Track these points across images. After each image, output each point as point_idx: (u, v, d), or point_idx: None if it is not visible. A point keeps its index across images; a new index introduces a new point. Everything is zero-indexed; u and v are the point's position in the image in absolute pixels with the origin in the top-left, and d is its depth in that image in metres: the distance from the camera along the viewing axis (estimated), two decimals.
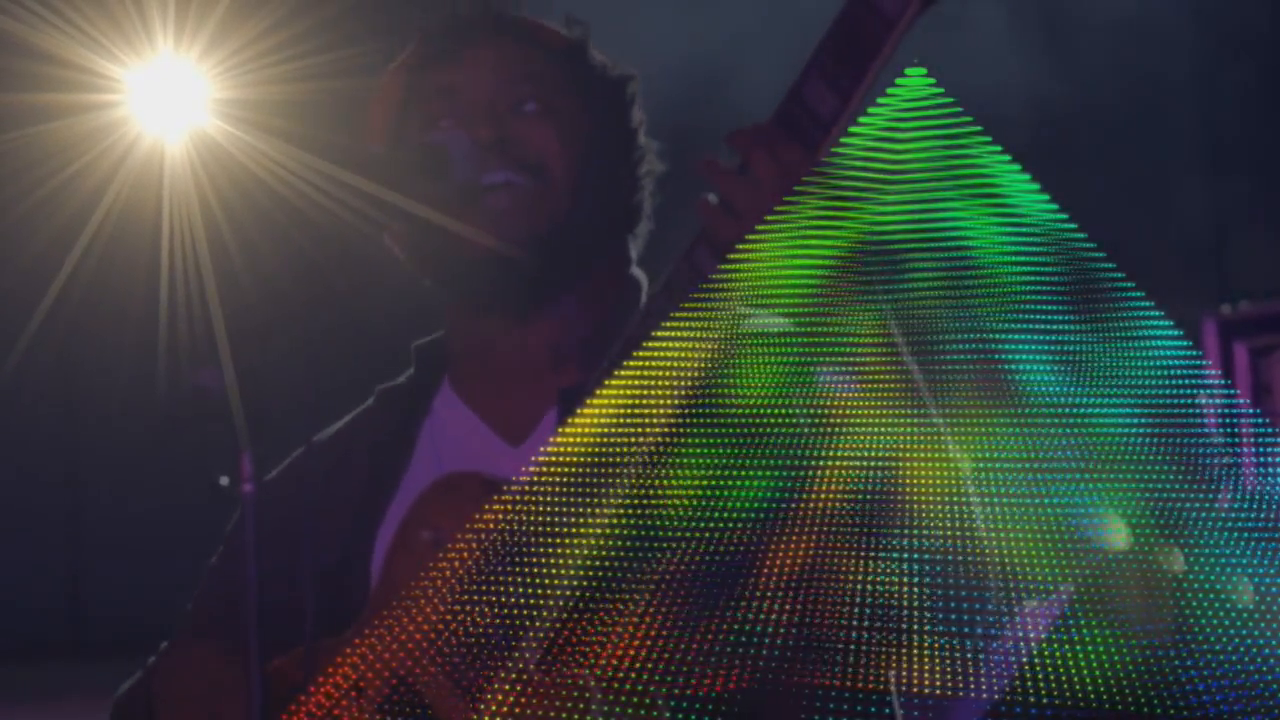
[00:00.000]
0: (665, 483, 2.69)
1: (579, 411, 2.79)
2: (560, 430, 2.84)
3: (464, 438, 3.68)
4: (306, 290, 3.40)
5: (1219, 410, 2.54)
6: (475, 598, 2.86)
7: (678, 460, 2.69)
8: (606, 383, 2.78)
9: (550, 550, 2.77)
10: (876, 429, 2.58)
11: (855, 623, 2.52)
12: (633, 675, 2.69)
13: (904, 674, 2.49)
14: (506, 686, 2.82)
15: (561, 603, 2.77)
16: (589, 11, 3.79)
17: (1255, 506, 2.45)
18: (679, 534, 2.67)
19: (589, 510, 2.74)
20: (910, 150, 2.61)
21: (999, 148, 2.59)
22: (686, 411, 2.70)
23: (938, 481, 2.51)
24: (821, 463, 2.60)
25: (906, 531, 2.51)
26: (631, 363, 2.77)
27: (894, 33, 2.86)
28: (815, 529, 2.58)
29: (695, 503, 2.67)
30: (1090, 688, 2.39)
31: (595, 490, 2.74)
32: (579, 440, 2.77)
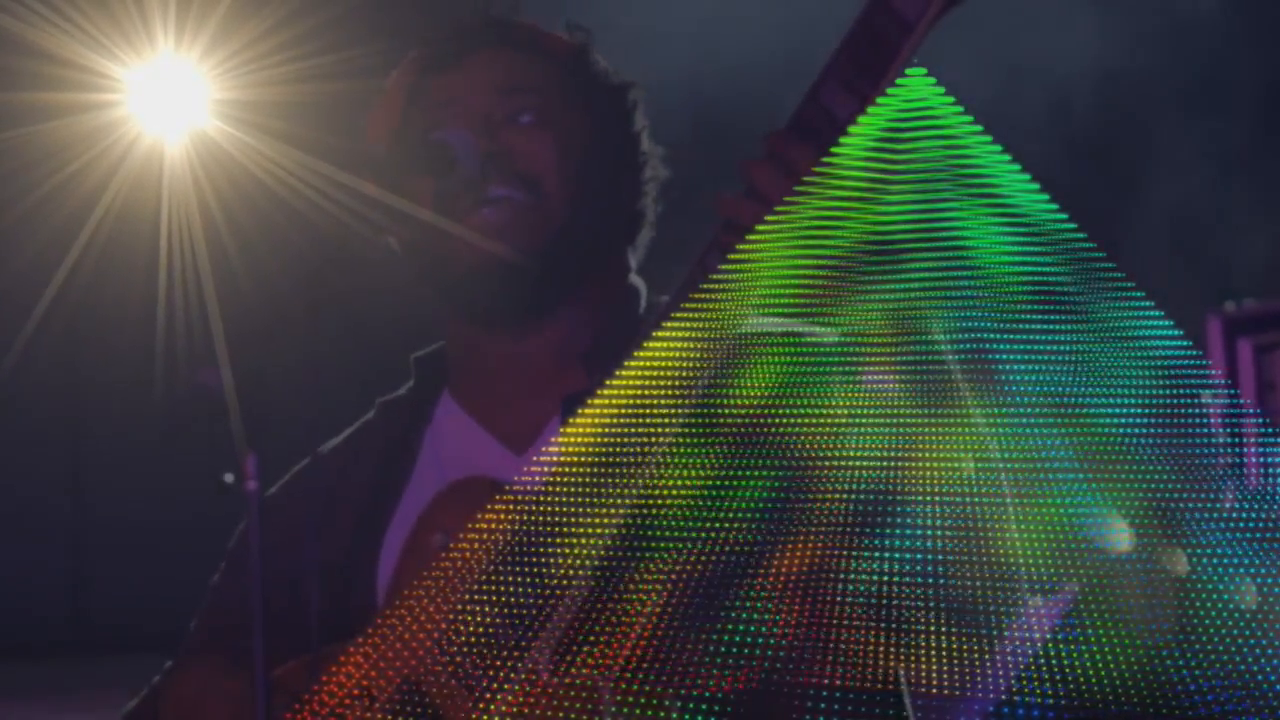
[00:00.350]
0: (668, 483, 2.69)
1: (581, 412, 2.80)
2: (562, 431, 2.85)
3: (466, 445, 3.68)
4: (305, 291, 3.40)
5: (1220, 409, 2.55)
6: (479, 599, 2.87)
7: (681, 461, 2.69)
8: (608, 383, 2.79)
9: (554, 551, 2.78)
10: (879, 429, 2.59)
11: (858, 623, 2.53)
12: (638, 676, 2.70)
13: (907, 674, 2.50)
14: (512, 688, 2.83)
15: (566, 604, 2.78)
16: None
17: (1257, 506, 2.46)
18: (682, 534, 2.68)
19: (592, 511, 2.74)
20: (910, 150, 2.61)
21: (999, 147, 2.60)
22: (689, 412, 2.70)
23: (940, 482, 2.52)
24: (824, 463, 2.60)
25: (909, 532, 2.52)
26: (633, 363, 2.77)
27: (912, 36, 2.85)
28: (818, 529, 2.58)
29: (698, 503, 2.67)
30: (1092, 687, 2.40)
31: (598, 491, 2.74)
32: (581, 441, 2.78)
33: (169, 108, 3.47)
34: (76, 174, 3.50)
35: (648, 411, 2.73)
